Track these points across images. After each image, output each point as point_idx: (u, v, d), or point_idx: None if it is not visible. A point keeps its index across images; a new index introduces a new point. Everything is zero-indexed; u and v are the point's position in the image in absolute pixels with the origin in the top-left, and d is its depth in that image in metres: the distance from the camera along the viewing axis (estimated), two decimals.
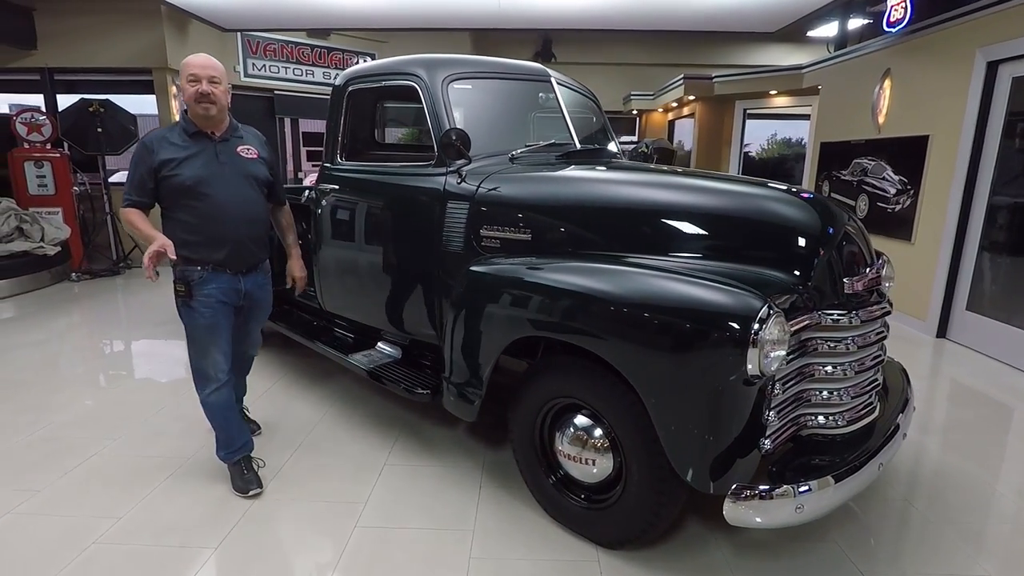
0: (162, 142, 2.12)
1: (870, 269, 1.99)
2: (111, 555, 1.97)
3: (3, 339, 4.36)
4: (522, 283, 2.01)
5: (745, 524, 1.63)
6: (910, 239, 4.95)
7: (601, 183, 2.27)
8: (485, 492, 2.37)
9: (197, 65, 2.12)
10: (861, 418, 1.97)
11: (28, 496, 2.30)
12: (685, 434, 1.67)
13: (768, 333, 1.54)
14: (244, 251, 2.22)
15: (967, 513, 2.30)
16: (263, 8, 6.26)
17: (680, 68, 9.09)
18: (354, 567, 1.93)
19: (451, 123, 2.47)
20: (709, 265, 1.88)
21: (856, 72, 5.88)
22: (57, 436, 2.80)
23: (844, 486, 1.67)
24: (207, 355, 2.22)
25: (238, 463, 2.36)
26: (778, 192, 2.09)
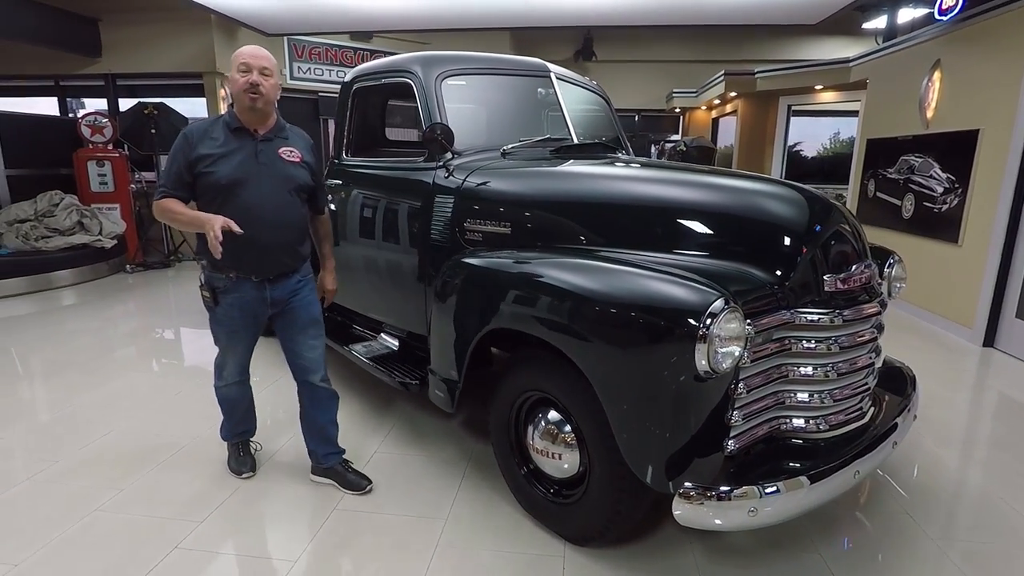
0: (203, 136, 2.01)
1: (858, 267, 1.89)
2: (107, 522, 2.11)
3: (63, 324, 4.73)
4: (487, 276, 2.03)
5: (695, 524, 1.58)
6: (957, 241, 4.63)
7: (580, 178, 2.25)
8: (466, 483, 2.40)
9: (249, 54, 1.99)
10: (846, 423, 1.88)
11: (47, 465, 2.49)
12: (638, 431, 1.63)
13: (719, 329, 1.49)
14: (270, 258, 2.07)
15: (975, 533, 2.14)
16: (305, 13, 6.51)
17: (723, 65, 8.82)
18: (322, 548, 1.99)
19: (442, 119, 2.51)
20: (683, 260, 1.84)
21: (904, 64, 5.55)
22: (84, 413, 3.02)
23: (806, 492, 1.60)
24: (224, 357, 2.25)
25: (236, 445, 2.45)
26: (761, 186, 2.01)
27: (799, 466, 1.68)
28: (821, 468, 1.64)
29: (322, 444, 2.35)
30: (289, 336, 2.23)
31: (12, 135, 6.06)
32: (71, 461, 2.54)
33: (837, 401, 1.83)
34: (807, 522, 2.15)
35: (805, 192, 1.96)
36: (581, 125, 3.02)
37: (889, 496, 2.35)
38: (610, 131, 3.31)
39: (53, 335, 4.40)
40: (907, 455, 2.69)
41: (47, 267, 5.82)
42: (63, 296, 5.71)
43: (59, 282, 5.94)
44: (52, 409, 3.08)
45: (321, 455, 2.35)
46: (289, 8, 6.34)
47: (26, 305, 5.33)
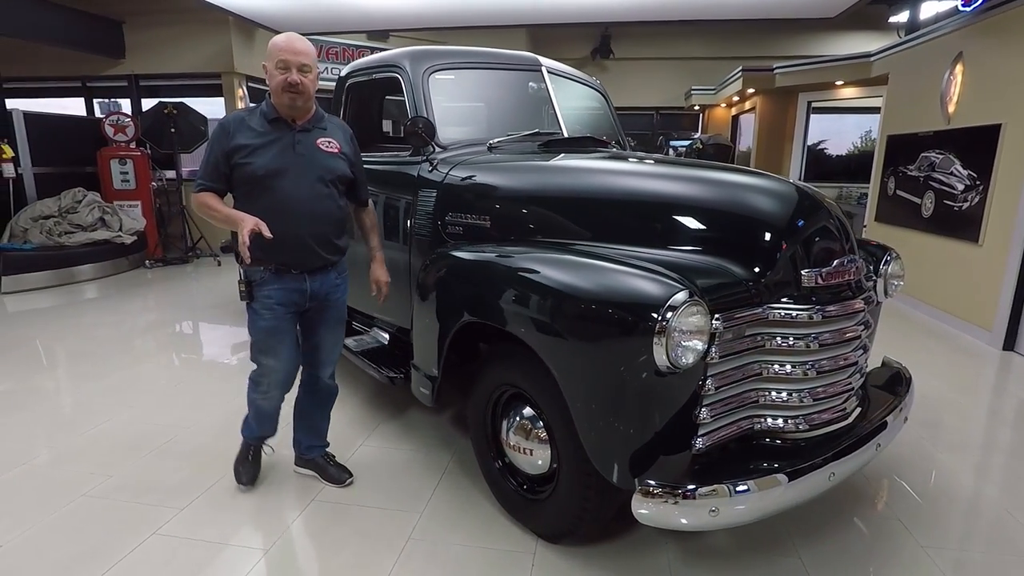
0: (240, 125, 1.95)
1: (840, 262, 1.82)
2: (91, 507, 2.16)
3: (82, 317, 4.88)
4: (459, 269, 2.02)
5: (654, 523, 1.54)
6: (977, 240, 4.46)
7: (559, 172, 2.22)
8: (447, 477, 2.39)
9: (288, 50, 1.89)
10: (828, 423, 1.82)
11: (44, 451, 2.57)
12: (601, 428, 1.61)
13: (679, 323, 1.45)
14: (308, 251, 2.00)
15: (969, 543, 2.05)
16: (320, 13, 6.60)
17: (743, 61, 8.67)
18: (297, 537, 2.01)
19: (428, 113, 2.51)
20: (659, 254, 1.80)
21: (926, 58, 5.36)
22: (88, 402, 3.11)
23: (774, 493, 1.54)
24: (265, 360, 2.09)
25: (248, 445, 2.33)
26: (741, 180, 1.96)
27: (769, 467, 1.63)
28: (790, 469, 1.59)
29: (309, 436, 2.35)
30: (315, 331, 2.16)
31: (39, 135, 6.27)
32: (68, 448, 2.61)
33: (816, 400, 1.77)
34: (789, 525, 2.09)
35: (785, 186, 1.90)
36: (576, 120, 3.00)
37: (882, 500, 2.27)
38: (608, 127, 3.28)
39: (72, 327, 4.54)
40: (909, 459, 2.60)
41: (70, 262, 6.01)
42: (85, 290, 5.89)
43: (81, 276, 6.13)
44: (58, 397, 3.18)
45: (305, 446, 2.36)
46: (304, 9, 6.43)
47: (50, 298, 5.51)
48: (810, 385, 1.75)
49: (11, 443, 2.66)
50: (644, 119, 10.87)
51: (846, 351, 1.83)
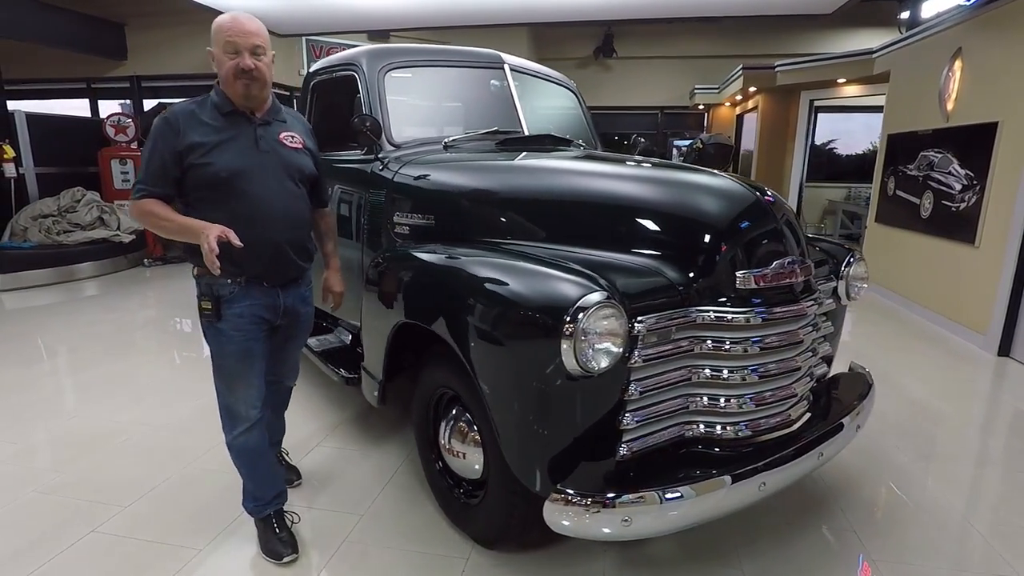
0: (191, 120, 1.67)
1: (781, 264, 1.75)
2: (37, 503, 2.18)
3: (79, 314, 4.95)
4: (394, 269, 2.00)
5: (566, 531, 1.49)
6: (973, 242, 4.31)
7: (502, 171, 2.19)
8: (396, 479, 2.37)
9: (236, 31, 1.64)
10: (768, 430, 1.76)
11: (8, 446, 2.60)
12: (518, 433, 1.57)
13: (589, 325, 1.40)
14: (285, 260, 1.79)
15: (924, 556, 1.96)
16: (316, 14, 6.64)
17: (746, 59, 8.53)
18: (230, 539, 1.99)
19: (382, 111, 2.49)
20: (593, 255, 1.75)
21: (926, 54, 5.22)
22: (61, 397, 3.15)
23: (689, 504, 1.49)
24: (237, 389, 1.81)
25: (268, 519, 1.93)
26: (684, 179, 1.91)
27: (693, 476, 1.57)
28: (709, 479, 1.53)
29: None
30: (283, 346, 1.96)
31: (41, 135, 6.40)
32: (29, 442, 2.64)
33: (753, 407, 1.71)
34: (738, 534, 2.03)
35: (728, 186, 1.85)
36: (544, 119, 2.96)
37: (839, 511, 2.19)
38: (579, 126, 3.23)
39: (66, 324, 4.61)
40: (876, 468, 2.51)
41: (69, 260, 6.12)
42: (84, 288, 5.99)
43: (80, 274, 6.24)
44: (34, 392, 3.22)
45: None
46: (303, 10, 6.47)
47: (49, 295, 5.61)
48: (745, 391, 1.70)
49: None
50: (648, 118, 10.76)
51: (787, 355, 1.76)
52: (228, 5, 6.12)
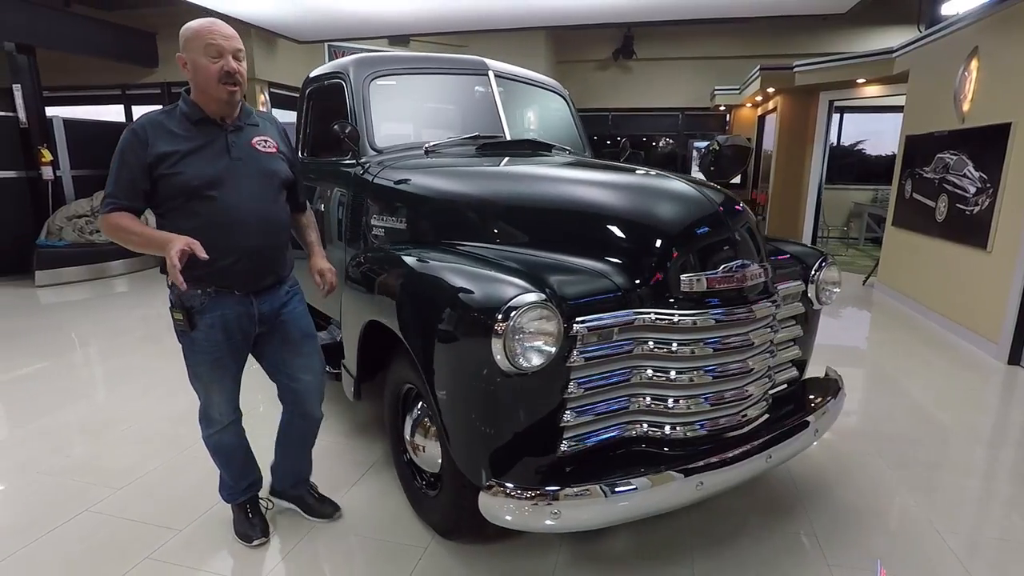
0: (159, 130, 1.65)
1: (729, 267, 1.77)
2: (40, 484, 2.35)
3: (107, 310, 5.25)
4: (364, 270, 2.09)
5: (500, 522, 1.55)
6: (986, 246, 4.19)
7: (468, 177, 2.25)
8: (373, 471, 2.46)
9: (219, 34, 1.64)
10: (716, 432, 1.79)
11: (14, 429, 2.80)
12: (460, 428, 1.64)
13: (519, 325, 1.46)
14: (259, 267, 1.78)
15: (884, 564, 1.95)
16: (334, 22, 6.84)
17: (766, 59, 8.41)
18: (208, 523, 2.11)
19: (366, 118, 2.59)
20: (545, 256, 1.81)
21: (943, 53, 5.08)
22: (76, 386, 3.36)
23: (621, 500, 1.53)
24: (211, 394, 1.85)
25: (242, 505, 2.03)
26: (638, 182, 1.95)
27: (633, 472, 1.61)
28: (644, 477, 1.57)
29: (295, 472, 2.14)
30: (280, 358, 1.91)
31: (77, 140, 6.76)
32: (40, 427, 2.84)
33: (703, 408, 1.74)
34: (692, 534, 2.06)
35: (679, 189, 1.88)
36: (528, 123, 3.02)
37: (805, 515, 2.19)
38: (568, 129, 3.28)
39: (95, 318, 4.91)
40: (850, 473, 2.50)
41: (101, 258, 6.46)
42: (115, 284, 6.32)
43: (111, 272, 6.58)
44: (55, 381, 3.44)
45: (292, 484, 2.15)
46: (322, 18, 6.67)
47: (82, 291, 5.94)
48: (688, 392, 1.73)
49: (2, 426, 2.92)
50: (669, 120, 10.69)
51: (733, 358, 1.78)
52: (252, 15, 6.37)
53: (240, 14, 6.21)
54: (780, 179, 7.83)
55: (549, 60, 9.90)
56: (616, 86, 10.44)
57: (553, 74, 10.17)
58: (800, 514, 2.21)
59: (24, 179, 6.30)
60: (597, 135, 11.15)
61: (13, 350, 4.04)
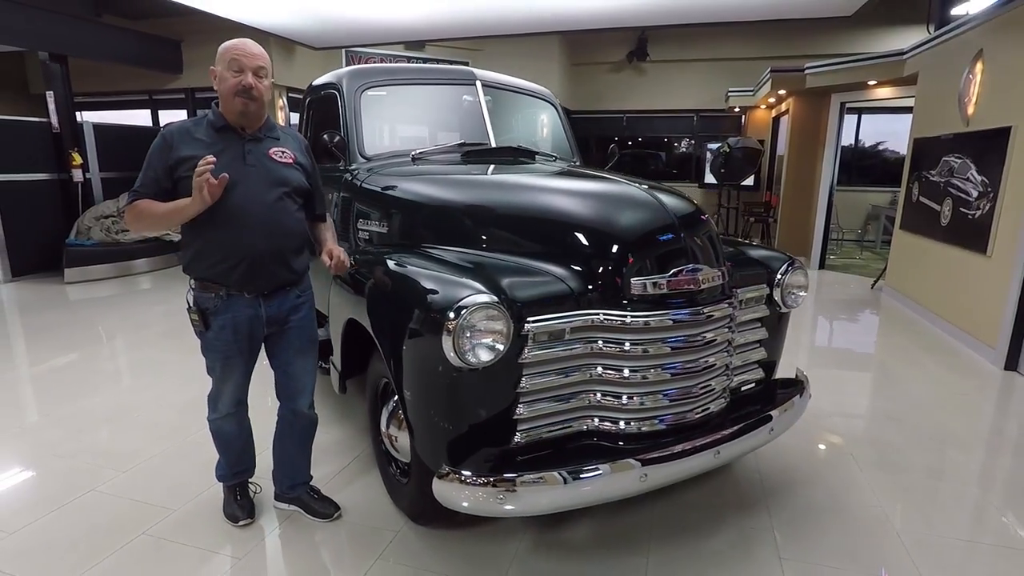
0: (184, 136, 1.82)
1: (679, 272, 1.85)
2: (53, 465, 2.55)
3: (132, 306, 5.53)
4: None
5: (449, 504, 1.68)
6: (986, 251, 4.16)
7: (444, 184, 2.38)
8: (358, 461, 2.60)
9: (242, 52, 1.80)
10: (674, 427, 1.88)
11: (37, 418, 3.02)
12: (419, 418, 1.77)
13: (467, 323, 1.58)
14: (264, 268, 1.87)
15: (836, 559, 2.01)
16: (348, 29, 7.03)
17: (780, 61, 8.37)
18: (198, 505, 2.28)
19: (357, 127, 2.74)
20: (509, 260, 1.93)
21: (949, 55, 5.03)
22: (95, 378, 3.59)
23: (563, 489, 1.64)
24: (218, 387, 2.03)
25: (232, 487, 2.20)
26: (596, 189, 2.06)
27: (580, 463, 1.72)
28: (585, 467, 1.68)
29: (293, 475, 2.23)
30: (284, 359, 2.06)
31: (106, 143, 7.10)
32: (59, 413, 3.07)
33: (653, 404, 1.84)
34: (652, 526, 2.15)
35: (633, 195, 1.98)
36: (517, 129, 3.14)
37: (766, 512, 2.26)
38: (557, 135, 3.38)
39: (117, 313, 5.18)
40: (820, 473, 2.55)
41: (126, 256, 6.78)
42: (140, 281, 6.63)
43: (136, 269, 6.90)
44: (77, 371, 3.68)
45: (287, 486, 2.24)
46: (338, 26, 6.87)
47: (108, 288, 6.25)
48: (636, 389, 1.82)
49: (23, 406, 3.15)
50: (684, 122, 10.67)
51: (687, 357, 1.87)
52: (270, 24, 6.61)
53: (258, 23, 6.46)
54: (792, 181, 7.79)
55: (563, 63, 9.99)
56: (630, 88, 10.48)
57: (567, 77, 10.27)
58: (761, 510, 2.28)
59: (56, 181, 6.66)
60: (611, 137, 11.21)
61: (45, 343, 4.31)
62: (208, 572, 1.91)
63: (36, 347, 4.23)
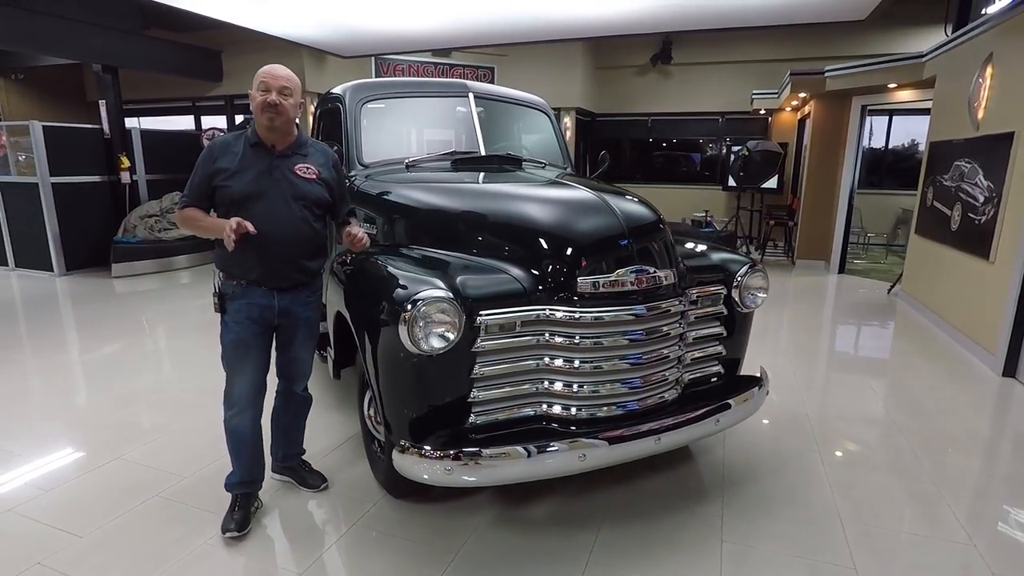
0: (225, 149, 2.07)
1: (623, 273, 2.01)
2: (85, 435, 2.90)
3: (172, 300, 5.97)
4: (337, 267, 2.48)
5: (407, 474, 1.90)
6: (988, 257, 4.14)
7: (422, 190, 2.60)
8: (352, 440, 2.86)
9: (269, 74, 2.03)
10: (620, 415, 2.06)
11: (86, 398, 3.40)
12: (387, 398, 2.00)
13: (420, 314, 1.80)
14: (281, 272, 2.11)
15: (774, 543, 2.14)
16: (379, 39, 7.35)
17: (800, 63, 8.31)
18: (213, 470, 2.57)
19: (357, 137, 3.00)
20: (475, 260, 2.14)
21: (963, 59, 4.98)
22: (137, 363, 3.98)
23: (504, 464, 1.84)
24: (234, 376, 2.16)
25: (235, 497, 2.26)
26: (554, 196, 2.26)
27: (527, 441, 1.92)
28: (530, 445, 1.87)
29: (285, 445, 2.48)
30: (288, 347, 2.27)
31: (151, 147, 7.64)
32: (94, 394, 3.45)
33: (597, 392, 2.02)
34: (607, 508, 2.33)
35: (588, 203, 2.16)
36: (508, 138, 3.35)
37: (720, 501, 2.40)
38: (550, 142, 3.57)
39: (158, 306, 5.63)
40: (785, 469, 2.67)
41: (168, 253, 7.29)
42: (181, 276, 7.12)
43: (177, 265, 7.40)
44: (117, 357, 4.08)
45: (282, 456, 2.49)
46: (363, 37, 7.21)
47: (152, 282, 6.75)
48: (586, 379, 2.00)
49: (72, 387, 3.55)
50: (710, 124, 10.64)
51: (633, 351, 2.04)
52: (300, 35, 7.00)
53: (291, 35, 6.85)
54: (812, 184, 7.73)
55: (587, 66, 10.12)
56: (655, 91, 10.53)
57: (592, 80, 10.40)
58: (716, 498, 2.42)
59: (106, 183, 7.22)
60: (636, 140, 11.27)
61: (93, 332, 4.76)
62: (206, 530, 2.19)
63: (86, 335, 4.68)
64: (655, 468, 2.62)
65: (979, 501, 2.45)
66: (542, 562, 2.03)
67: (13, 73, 8.90)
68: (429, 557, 2.05)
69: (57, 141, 6.75)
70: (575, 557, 2.05)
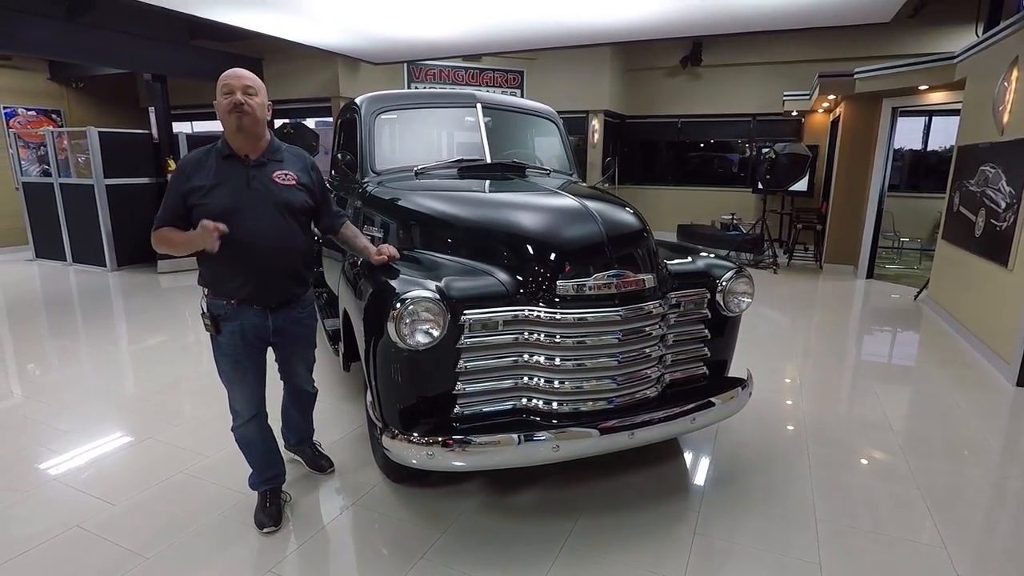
0: (197, 167, 1.98)
1: (601, 277, 2.14)
2: (129, 418, 3.20)
3: None
4: (344, 269, 2.69)
5: (403, 462, 2.08)
6: (1007, 264, 4.06)
7: (424, 197, 2.76)
8: (361, 429, 3.06)
9: (231, 76, 1.95)
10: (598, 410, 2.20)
11: (122, 387, 3.73)
12: (380, 388, 2.18)
13: (406, 312, 1.97)
14: (272, 286, 2.06)
15: (745, 539, 2.23)
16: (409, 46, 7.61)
17: (834, 64, 8.18)
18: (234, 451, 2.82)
19: (370, 146, 3.21)
20: (464, 263, 2.31)
21: (991, 61, 4.86)
22: (166, 354, 4.32)
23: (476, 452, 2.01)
24: (234, 391, 2.16)
25: (263, 494, 2.31)
26: (541, 203, 2.41)
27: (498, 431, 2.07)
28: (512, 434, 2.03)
29: (295, 433, 2.61)
30: (286, 360, 2.31)
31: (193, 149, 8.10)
32: (131, 380, 3.78)
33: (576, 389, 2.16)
34: (589, 498, 2.46)
35: (571, 209, 2.31)
36: (514, 145, 3.51)
37: (700, 497, 2.50)
38: (557, 149, 3.71)
39: (198, 300, 6.02)
40: (773, 470, 2.73)
41: None
42: None
43: None
44: (156, 346, 4.43)
45: (294, 441, 2.64)
46: (394, 45, 7.47)
47: (195, 277, 7.17)
48: (566, 376, 2.14)
49: (119, 375, 3.90)
50: (741, 126, 10.53)
51: (608, 350, 2.17)
52: (332, 44, 7.31)
53: (324, 44, 7.18)
54: (842, 187, 7.60)
55: (616, 69, 10.17)
56: (687, 93, 10.49)
57: (621, 82, 10.44)
58: (696, 493, 2.53)
59: (155, 184, 7.70)
60: (667, 143, 11.23)
61: (140, 323, 5.18)
62: (221, 502, 2.43)
63: (133, 327, 5.08)
64: (641, 463, 2.73)
65: (961, 508, 2.47)
66: (520, 545, 2.18)
67: (74, 82, 9.55)
68: (417, 536, 2.23)
69: (111, 145, 7.26)
70: (551, 541, 2.19)
